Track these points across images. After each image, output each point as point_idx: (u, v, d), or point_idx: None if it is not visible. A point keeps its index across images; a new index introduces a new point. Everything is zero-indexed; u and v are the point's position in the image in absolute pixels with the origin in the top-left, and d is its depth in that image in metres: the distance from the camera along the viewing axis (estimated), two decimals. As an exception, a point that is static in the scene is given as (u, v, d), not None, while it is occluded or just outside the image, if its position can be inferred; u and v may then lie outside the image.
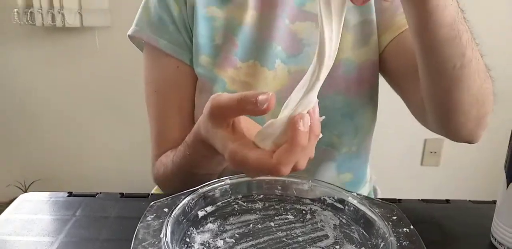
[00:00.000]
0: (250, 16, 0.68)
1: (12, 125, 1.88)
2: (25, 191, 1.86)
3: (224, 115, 0.44)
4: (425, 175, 1.92)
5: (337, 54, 0.39)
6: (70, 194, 0.61)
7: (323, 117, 0.42)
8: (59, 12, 1.59)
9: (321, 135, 0.42)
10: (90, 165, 1.93)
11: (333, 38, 0.38)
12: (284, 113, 0.42)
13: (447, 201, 0.61)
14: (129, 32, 0.72)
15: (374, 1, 0.68)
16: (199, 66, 0.68)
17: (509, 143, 0.49)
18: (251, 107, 0.40)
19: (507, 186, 0.48)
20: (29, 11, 1.60)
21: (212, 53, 0.68)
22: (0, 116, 1.87)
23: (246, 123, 0.47)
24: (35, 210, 0.56)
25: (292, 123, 0.39)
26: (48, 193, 0.61)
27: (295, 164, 0.41)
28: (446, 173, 1.91)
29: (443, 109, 0.58)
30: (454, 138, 0.64)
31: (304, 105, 0.40)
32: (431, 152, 1.86)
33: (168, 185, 0.70)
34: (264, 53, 0.67)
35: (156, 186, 0.90)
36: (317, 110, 0.41)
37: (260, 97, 0.40)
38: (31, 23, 1.62)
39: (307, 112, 0.40)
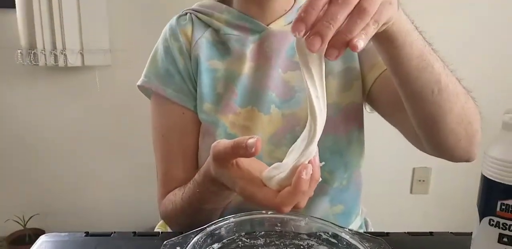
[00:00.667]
0: (247, 67, 0.76)
1: (12, 160, 1.92)
2: (24, 226, 1.88)
3: (224, 159, 0.53)
4: (415, 202, 1.98)
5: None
6: (87, 234, 0.66)
7: (323, 163, 0.50)
8: (62, 53, 1.67)
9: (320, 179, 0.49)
10: (88, 199, 1.96)
11: (319, 96, 0.45)
12: (290, 159, 0.49)
13: (431, 233, 0.68)
14: (139, 83, 0.79)
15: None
16: (203, 113, 0.75)
17: (480, 182, 0.56)
18: (243, 151, 0.49)
19: (480, 222, 0.55)
20: (33, 52, 1.68)
21: (214, 100, 0.75)
22: (0, 152, 1.91)
23: (247, 160, 0.54)
24: (56, 250, 0.61)
25: (297, 172, 0.46)
26: (66, 233, 0.66)
27: (296, 204, 0.48)
28: (435, 200, 1.98)
29: (432, 133, 0.63)
30: (451, 158, 0.68)
31: (306, 156, 0.47)
32: (420, 181, 1.93)
33: (176, 221, 0.76)
34: (261, 100, 0.75)
35: (160, 222, 0.96)
36: (317, 158, 0.48)
37: (248, 142, 0.48)
38: (34, 63, 1.69)
39: (309, 162, 0.47)
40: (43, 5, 1.63)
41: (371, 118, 0.84)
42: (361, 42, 0.40)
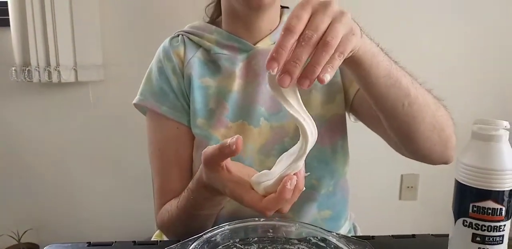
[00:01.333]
0: (237, 84, 0.80)
1: (6, 175, 1.93)
2: (19, 241, 1.89)
3: (214, 161, 0.58)
4: (404, 208, 2.03)
5: (309, 110, 0.52)
6: (89, 244, 0.69)
7: (308, 173, 0.55)
8: (56, 69, 1.70)
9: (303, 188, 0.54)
10: (81, 213, 1.98)
11: (305, 118, 0.50)
12: (278, 167, 0.55)
13: (413, 235, 0.72)
14: (135, 101, 0.84)
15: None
16: (196, 128, 0.80)
17: (454, 186, 0.61)
18: (228, 150, 0.55)
19: (455, 223, 0.60)
20: (27, 69, 1.70)
21: (207, 116, 0.80)
22: (-7, 167, 1.93)
23: (237, 166, 0.60)
24: (60, 260, 0.65)
25: (283, 182, 0.51)
26: (69, 244, 0.69)
27: (279, 209, 0.54)
28: (424, 206, 2.02)
29: (408, 140, 0.69)
30: (430, 162, 0.74)
31: (292, 168, 0.53)
32: (408, 187, 1.99)
33: (172, 229, 0.80)
34: (250, 114, 0.80)
35: (157, 232, 0.99)
36: (303, 170, 0.53)
37: (230, 141, 0.55)
38: (28, 80, 1.71)
39: (295, 174, 0.52)
40: (37, 22, 1.67)
41: (360, 127, 0.88)
42: (327, 76, 0.46)
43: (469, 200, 0.58)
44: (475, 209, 0.57)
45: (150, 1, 1.81)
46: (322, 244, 0.64)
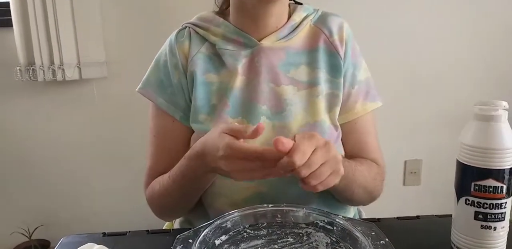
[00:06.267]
0: (239, 81, 0.81)
1: (14, 173, 1.96)
2: (30, 238, 1.92)
3: (229, 131, 0.64)
4: (408, 194, 2.05)
5: (315, 116, 0.53)
6: (104, 234, 0.72)
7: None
8: (60, 67, 1.72)
9: None
10: (89, 208, 2.01)
11: None
12: None
13: (417, 217, 0.74)
14: (137, 89, 0.87)
15: (343, 83, 0.83)
16: (198, 123, 0.81)
17: (456, 167, 0.63)
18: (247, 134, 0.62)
19: (458, 202, 0.62)
20: (31, 68, 1.72)
21: (209, 112, 0.81)
22: (1, 166, 1.95)
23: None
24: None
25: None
26: (85, 234, 0.72)
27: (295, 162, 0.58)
28: (427, 191, 2.05)
29: (346, 200, 0.84)
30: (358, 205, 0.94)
31: None
32: (411, 173, 2.01)
33: (161, 201, 0.83)
34: (250, 112, 0.80)
35: (166, 223, 1.02)
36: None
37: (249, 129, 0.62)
38: (33, 79, 1.73)
39: None
40: (39, 22, 1.68)
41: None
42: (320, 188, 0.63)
43: (470, 179, 0.60)
44: (476, 187, 0.59)
45: (151, -3, 1.83)
46: (329, 227, 0.66)
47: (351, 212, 0.90)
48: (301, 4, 0.89)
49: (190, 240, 0.60)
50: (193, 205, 0.83)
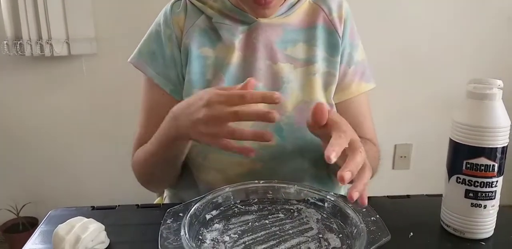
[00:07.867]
0: (236, 56, 0.79)
1: (1, 150, 1.94)
2: (17, 214, 1.92)
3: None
4: (397, 178, 2.07)
5: (311, 94, 0.52)
6: (93, 208, 0.71)
7: None
8: (48, 43, 1.68)
9: None
10: (78, 186, 2.00)
11: None
12: None
13: (408, 196, 0.75)
14: (129, 59, 0.84)
15: (340, 62, 0.82)
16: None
17: (448, 145, 0.63)
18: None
19: (449, 180, 0.62)
20: (19, 42, 1.69)
21: (204, 86, 0.79)
22: (-12, 143, 1.94)
23: None
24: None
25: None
26: (74, 208, 0.71)
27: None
28: (416, 175, 2.07)
29: None
30: None
31: None
32: (401, 157, 2.02)
33: (142, 168, 0.81)
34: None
35: (157, 198, 1.02)
36: None
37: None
38: (20, 53, 1.70)
39: None
40: (27, -5, 1.64)
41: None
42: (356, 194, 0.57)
43: (462, 157, 0.60)
44: (468, 166, 0.59)
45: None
46: (320, 203, 0.66)
47: (342, 191, 0.90)
48: None
49: (181, 214, 0.60)
50: (174, 175, 0.82)
